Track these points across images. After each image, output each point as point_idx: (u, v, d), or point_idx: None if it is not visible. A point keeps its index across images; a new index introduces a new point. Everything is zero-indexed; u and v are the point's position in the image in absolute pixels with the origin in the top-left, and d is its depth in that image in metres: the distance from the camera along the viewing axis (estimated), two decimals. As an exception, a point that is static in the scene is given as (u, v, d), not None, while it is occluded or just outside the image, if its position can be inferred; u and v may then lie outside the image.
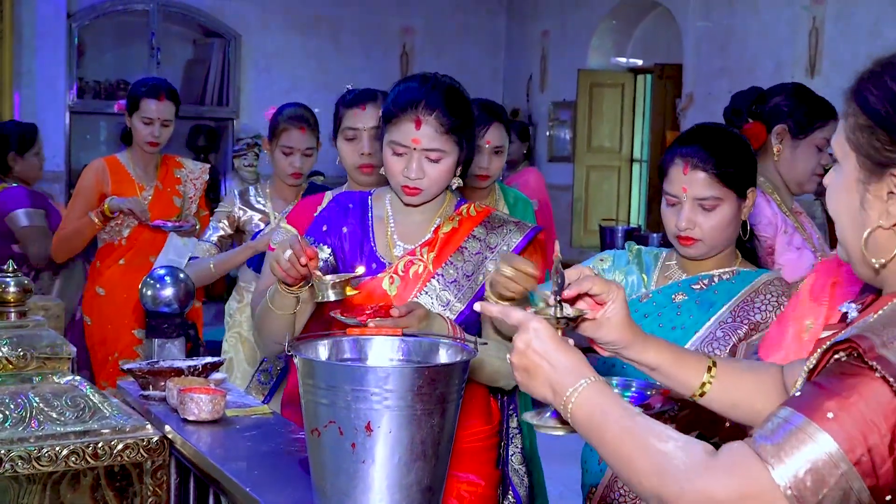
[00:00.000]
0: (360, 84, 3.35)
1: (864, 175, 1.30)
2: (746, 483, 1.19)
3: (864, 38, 6.36)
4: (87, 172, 4.48)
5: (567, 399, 1.42)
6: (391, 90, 2.46)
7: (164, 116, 4.33)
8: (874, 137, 1.28)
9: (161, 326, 2.99)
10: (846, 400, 1.17)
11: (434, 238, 2.48)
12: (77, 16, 8.25)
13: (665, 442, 1.29)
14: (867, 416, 1.15)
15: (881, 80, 1.30)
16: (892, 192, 1.28)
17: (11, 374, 2.23)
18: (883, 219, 1.29)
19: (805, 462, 1.16)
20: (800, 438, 1.17)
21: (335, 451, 1.86)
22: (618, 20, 8.92)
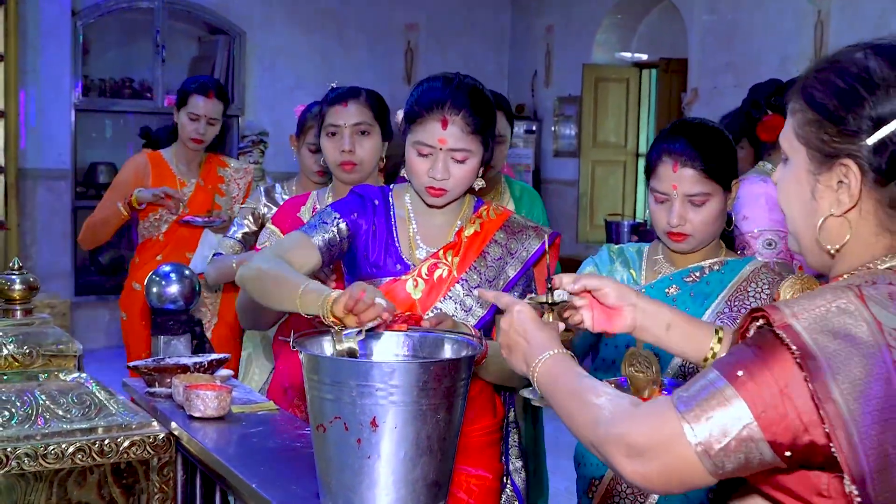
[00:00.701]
0: (365, 80, 3.35)
1: (815, 167, 1.38)
2: (660, 433, 1.30)
3: (870, 31, 6.34)
4: (127, 165, 4.51)
5: (534, 369, 1.59)
6: (413, 90, 2.43)
7: (211, 114, 4.32)
8: (822, 131, 1.37)
9: (167, 323, 2.99)
10: (758, 367, 1.26)
11: (457, 241, 2.46)
12: (82, 14, 8.26)
13: (599, 397, 1.43)
14: (775, 382, 1.25)
15: (826, 76, 1.38)
16: (841, 182, 1.36)
17: (17, 371, 2.24)
18: (834, 207, 1.37)
19: (717, 422, 1.26)
20: (718, 400, 1.27)
21: (341, 447, 1.86)
22: (623, 14, 8.91)
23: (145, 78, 8.78)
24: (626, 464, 1.34)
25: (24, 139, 7.75)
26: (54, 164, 8.01)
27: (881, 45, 1.38)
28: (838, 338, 1.25)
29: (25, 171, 7.63)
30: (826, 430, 1.22)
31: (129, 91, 8.81)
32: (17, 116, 7.53)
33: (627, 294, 1.77)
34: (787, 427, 1.25)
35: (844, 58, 1.39)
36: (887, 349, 1.25)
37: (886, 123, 1.32)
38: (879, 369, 1.24)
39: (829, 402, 1.22)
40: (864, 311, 1.27)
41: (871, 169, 1.34)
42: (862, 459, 1.22)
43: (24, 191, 7.79)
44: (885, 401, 1.23)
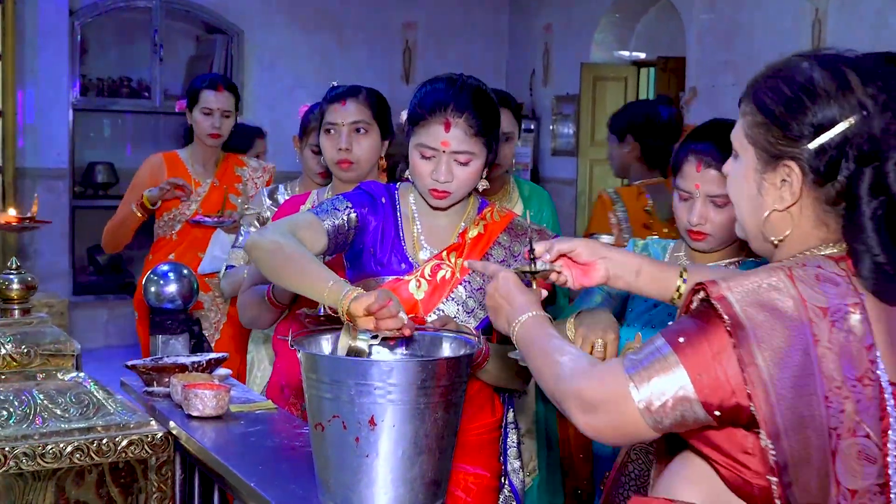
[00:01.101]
0: (364, 79, 3.34)
1: (761, 165, 1.53)
2: (609, 390, 1.46)
3: (868, 29, 6.34)
4: (143, 166, 4.48)
5: (514, 328, 1.73)
6: (416, 91, 2.42)
7: (224, 107, 4.32)
8: (769, 134, 1.51)
9: (165, 323, 3.00)
10: (696, 335, 1.42)
11: (461, 243, 2.46)
12: (80, 13, 8.25)
13: (563, 355, 1.58)
14: (709, 349, 1.40)
15: (775, 83, 1.53)
16: (784, 180, 1.51)
17: (15, 371, 2.24)
18: (777, 203, 1.52)
19: (658, 383, 1.42)
20: (661, 364, 1.43)
21: (339, 446, 1.86)
22: (621, 13, 8.90)
23: (143, 77, 8.78)
24: (581, 417, 1.50)
25: (22, 139, 7.75)
26: (52, 164, 7.99)
27: (824, 57, 1.52)
28: (766, 310, 1.40)
29: (23, 170, 7.62)
30: (748, 390, 1.38)
31: (127, 90, 8.80)
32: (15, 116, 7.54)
33: (598, 249, 1.91)
34: (717, 389, 1.40)
35: (791, 67, 1.53)
36: (809, 324, 1.40)
37: (826, 130, 1.47)
38: (800, 341, 1.39)
39: (752, 366, 1.38)
40: (791, 288, 1.42)
41: (810, 170, 1.48)
42: (777, 418, 1.38)
43: (22, 190, 7.78)
44: (802, 369, 1.38)
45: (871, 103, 1.47)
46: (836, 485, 1.40)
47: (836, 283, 1.45)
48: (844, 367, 1.40)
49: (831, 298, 1.43)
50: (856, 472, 1.40)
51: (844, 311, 1.43)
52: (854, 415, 1.39)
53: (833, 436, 1.39)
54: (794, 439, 1.38)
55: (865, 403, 1.40)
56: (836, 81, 1.48)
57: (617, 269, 1.89)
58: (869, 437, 1.40)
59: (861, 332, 1.42)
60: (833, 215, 1.51)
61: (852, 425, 1.39)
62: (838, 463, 1.39)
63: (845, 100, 1.47)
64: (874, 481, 1.41)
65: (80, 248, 8.53)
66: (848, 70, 1.50)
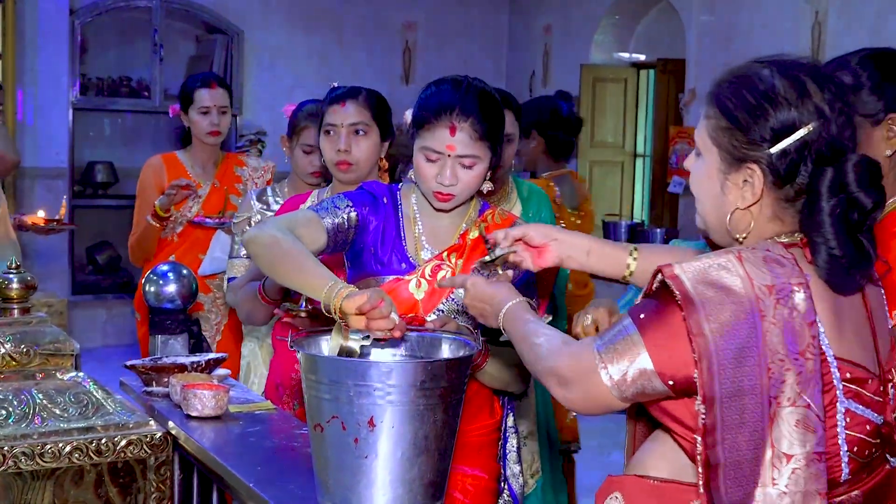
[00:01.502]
0: (363, 80, 3.33)
1: (725, 166, 1.63)
2: (580, 366, 1.60)
3: (868, 32, 6.35)
4: (144, 171, 4.42)
5: (500, 323, 1.87)
6: (421, 93, 2.42)
7: (220, 103, 4.29)
8: (733, 137, 1.61)
9: (164, 323, 3.00)
10: (655, 313, 1.56)
11: (462, 244, 2.46)
12: (80, 13, 8.24)
13: (539, 337, 1.73)
14: (665, 325, 1.54)
15: (738, 90, 1.63)
16: (746, 181, 1.61)
17: (15, 370, 2.24)
18: (739, 202, 1.62)
19: (624, 361, 1.56)
20: (626, 341, 1.56)
21: (338, 447, 1.86)
22: (620, 15, 8.90)
23: (143, 77, 8.77)
24: (558, 391, 1.65)
25: (22, 138, 7.75)
26: (52, 163, 7.99)
27: (784, 64, 1.63)
28: (715, 287, 1.52)
29: (23, 169, 7.61)
30: (694, 358, 1.49)
31: (126, 90, 8.79)
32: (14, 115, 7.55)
33: (549, 232, 2.03)
34: (672, 361, 1.53)
35: (753, 74, 1.64)
36: (756, 300, 1.51)
37: (787, 135, 1.57)
38: (746, 316, 1.50)
39: (700, 337, 1.49)
40: (739, 268, 1.53)
41: (771, 172, 1.59)
42: (716, 386, 1.49)
43: (21, 189, 7.78)
44: (746, 342, 1.49)
45: (828, 109, 1.58)
46: (772, 447, 1.50)
47: (783, 264, 1.56)
48: (788, 340, 1.50)
49: (777, 278, 1.53)
50: (794, 439, 1.50)
51: (789, 289, 1.53)
52: (795, 385, 1.50)
53: (773, 403, 1.50)
54: (729, 406, 1.50)
55: (807, 376, 1.50)
56: (795, 89, 1.59)
57: (568, 250, 2.03)
58: (810, 408, 1.50)
59: (804, 309, 1.52)
60: (790, 211, 1.62)
61: (793, 395, 1.50)
62: (775, 428, 1.50)
63: (804, 106, 1.58)
64: (813, 449, 1.50)
65: (80, 247, 8.52)
66: (806, 77, 1.60)
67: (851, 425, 1.57)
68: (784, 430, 1.49)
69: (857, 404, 1.58)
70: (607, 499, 1.72)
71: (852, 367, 1.58)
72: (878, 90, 2.12)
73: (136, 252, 4.42)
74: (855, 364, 1.59)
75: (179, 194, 4.21)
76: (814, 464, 1.50)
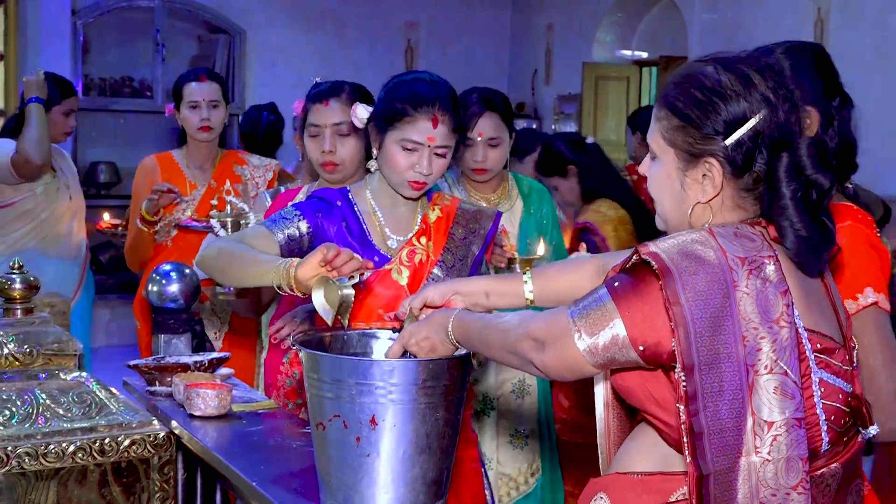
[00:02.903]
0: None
1: (683, 164, 1.68)
2: (555, 328, 1.63)
3: (870, 29, 6.34)
4: (137, 173, 4.23)
5: (450, 337, 1.87)
6: (392, 88, 2.51)
7: (210, 97, 4.07)
8: (687, 135, 1.66)
9: (167, 322, 3.00)
10: (630, 283, 1.59)
11: (426, 227, 2.59)
12: (82, 13, 8.25)
13: (503, 317, 1.77)
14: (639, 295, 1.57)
15: (686, 89, 1.67)
16: (705, 175, 1.66)
17: (18, 370, 2.24)
18: (700, 196, 1.67)
19: (597, 327, 1.59)
20: (600, 309, 1.60)
21: (340, 445, 1.87)
22: (623, 13, 8.90)
23: (145, 77, 8.78)
24: (535, 355, 1.66)
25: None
26: (54, 163, 7.99)
27: (726, 60, 1.68)
28: (689, 258, 1.56)
29: (26, 170, 7.60)
30: (672, 326, 1.53)
31: (129, 90, 8.80)
32: (17, 115, 7.53)
33: (446, 288, 2.05)
34: (643, 328, 1.56)
35: (698, 72, 1.68)
36: (729, 270, 1.55)
37: (739, 126, 1.63)
38: (720, 285, 1.54)
39: (677, 306, 1.53)
40: (713, 241, 1.58)
41: (728, 163, 1.64)
42: (694, 353, 1.53)
43: (24, 190, 7.78)
44: (721, 310, 1.53)
45: (773, 96, 1.64)
46: (752, 415, 1.53)
47: (753, 239, 1.61)
48: (761, 310, 1.55)
49: (749, 251, 1.58)
50: (773, 406, 1.53)
51: (761, 261, 1.58)
52: (771, 353, 1.53)
53: (750, 372, 1.53)
54: (707, 373, 1.53)
55: (782, 344, 1.54)
56: (741, 81, 1.65)
57: (470, 298, 2.05)
58: (787, 375, 1.54)
59: (776, 280, 1.57)
60: (749, 199, 1.67)
61: (769, 363, 1.53)
62: (755, 397, 1.53)
63: (752, 96, 1.64)
64: (792, 415, 1.54)
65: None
66: (748, 69, 1.66)
67: (826, 394, 1.61)
68: (763, 398, 1.53)
69: (828, 374, 1.62)
70: (592, 500, 1.74)
71: (822, 339, 1.63)
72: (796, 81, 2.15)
73: (130, 257, 4.25)
74: (823, 335, 1.63)
75: (164, 198, 4.00)
76: (794, 429, 1.54)
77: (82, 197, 4.53)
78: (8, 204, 4.19)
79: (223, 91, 4.17)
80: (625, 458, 1.75)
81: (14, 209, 4.22)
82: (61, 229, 4.34)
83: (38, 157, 4.05)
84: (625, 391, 1.70)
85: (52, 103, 4.28)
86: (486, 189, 3.56)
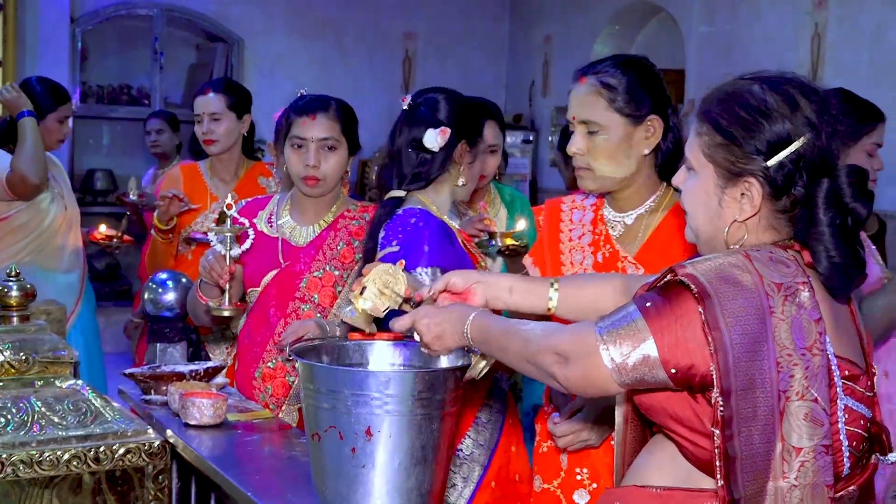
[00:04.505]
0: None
1: (722, 181, 1.68)
2: (582, 344, 1.61)
3: (867, 43, 6.36)
4: (164, 182, 4.25)
5: (466, 332, 1.83)
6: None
7: (210, 110, 4.04)
8: (729, 153, 1.67)
9: (163, 331, 3.00)
10: (663, 303, 1.57)
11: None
12: (81, 21, 8.26)
13: (527, 325, 1.74)
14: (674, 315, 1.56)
15: (730, 106, 1.68)
16: (744, 194, 1.66)
17: (13, 378, 2.24)
18: (737, 214, 1.67)
19: (626, 345, 1.57)
20: (630, 328, 1.58)
21: (335, 456, 1.86)
22: (620, 25, 8.92)
23: (143, 85, 8.78)
24: (557, 369, 1.64)
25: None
26: (52, 171, 7.99)
27: (772, 80, 1.69)
28: (728, 283, 1.56)
29: (23, 176, 7.60)
30: (711, 350, 1.52)
31: (126, 98, 8.80)
32: (15, 123, 7.52)
33: (471, 276, 2.02)
34: (676, 349, 1.55)
35: (744, 90, 1.69)
36: (766, 296, 1.56)
37: (782, 148, 1.63)
38: (757, 311, 1.55)
39: (716, 330, 1.53)
40: (749, 266, 1.58)
41: (768, 184, 1.64)
42: (732, 378, 1.53)
43: (21, 197, 7.77)
44: (758, 336, 1.54)
45: (818, 120, 1.64)
46: (782, 441, 1.54)
47: (787, 265, 1.61)
48: (795, 336, 1.56)
49: (784, 277, 1.59)
50: (802, 432, 1.54)
51: (795, 287, 1.59)
52: (803, 380, 1.55)
53: (782, 398, 1.54)
54: (742, 399, 1.53)
55: (814, 371, 1.56)
56: (787, 102, 1.65)
57: (492, 291, 2.01)
58: (817, 402, 1.55)
59: (810, 307, 1.58)
60: (784, 220, 1.68)
61: (801, 390, 1.55)
62: (785, 423, 1.54)
63: (796, 119, 1.64)
64: (820, 442, 1.55)
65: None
66: (794, 91, 1.67)
67: (849, 421, 1.63)
68: (793, 424, 1.54)
69: (853, 401, 1.63)
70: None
71: (849, 365, 1.64)
72: (640, 92, 2.31)
73: (149, 266, 4.20)
74: (851, 362, 1.64)
75: (173, 205, 4.00)
76: (821, 456, 1.55)
77: (77, 206, 4.48)
78: (2, 218, 4.15)
79: (231, 102, 4.11)
80: (642, 471, 1.75)
81: (8, 223, 4.17)
82: (58, 241, 4.29)
83: (35, 176, 3.99)
84: (647, 408, 1.69)
85: (46, 110, 4.22)
86: (475, 198, 3.58)
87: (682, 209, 2.32)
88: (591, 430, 2.30)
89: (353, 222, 2.95)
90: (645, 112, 2.32)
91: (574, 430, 2.30)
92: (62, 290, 4.25)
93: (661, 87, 2.37)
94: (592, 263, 2.39)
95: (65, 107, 4.35)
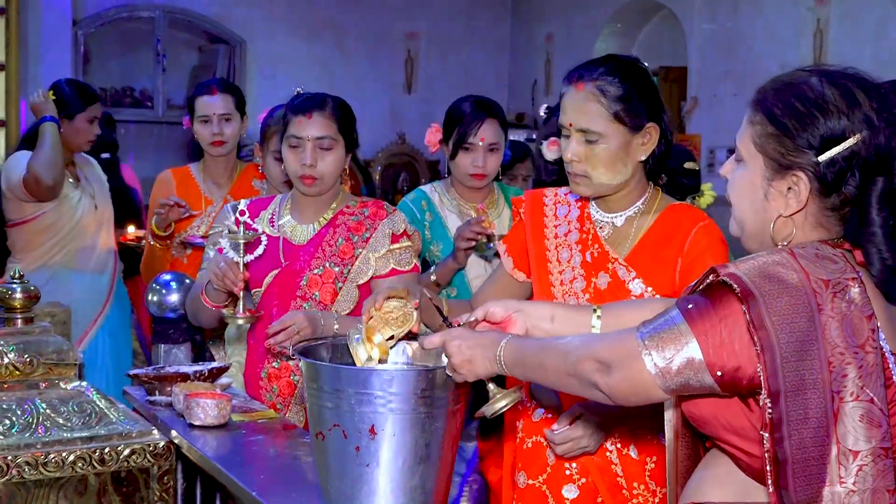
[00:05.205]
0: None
1: (770, 174, 1.63)
2: (624, 349, 1.57)
3: (869, 39, 6.35)
4: (154, 187, 4.18)
5: (499, 356, 1.77)
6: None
7: (221, 110, 4.02)
8: (780, 145, 1.61)
9: (167, 332, 3.00)
10: (706, 305, 1.53)
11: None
12: (83, 23, 8.26)
13: (564, 338, 1.71)
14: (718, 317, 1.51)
15: (786, 97, 1.62)
16: (791, 188, 1.60)
17: (18, 380, 2.24)
18: (783, 209, 1.62)
19: (670, 350, 1.53)
20: (673, 332, 1.53)
21: (339, 455, 1.87)
22: (622, 23, 8.91)
23: (146, 87, 8.79)
24: (599, 378, 1.59)
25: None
26: (55, 173, 7.99)
27: (831, 73, 1.63)
28: (772, 281, 1.51)
29: (26, 179, 7.61)
30: (757, 350, 1.48)
31: (129, 100, 8.80)
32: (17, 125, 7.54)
33: (511, 305, 1.98)
34: (721, 351, 1.50)
35: (802, 81, 1.63)
36: (813, 294, 1.51)
37: (835, 144, 1.57)
38: (805, 309, 1.49)
39: (762, 329, 1.48)
40: (794, 263, 1.53)
41: (817, 180, 1.59)
42: (780, 379, 1.48)
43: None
44: (806, 334, 1.48)
45: (876, 119, 1.57)
46: (837, 444, 1.48)
47: (835, 261, 1.56)
48: (846, 334, 1.49)
49: (832, 273, 1.53)
50: (858, 435, 1.48)
51: (845, 283, 1.53)
52: (857, 380, 1.48)
53: (836, 399, 1.48)
54: (792, 400, 1.48)
55: (868, 370, 1.49)
56: (845, 98, 1.59)
57: (532, 320, 1.96)
58: (873, 402, 1.48)
59: (861, 303, 1.52)
60: (833, 219, 1.62)
61: (855, 390, 1.48)
62: (840, 424, 1.48)
63: (854, 115, 1.58)
64: (879, 444, 1.48)
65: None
66: (854, 87, 1.60)
67: None
68: (849, 426, 1.48)
69: None
70: None
71: None
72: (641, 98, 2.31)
73: (145, 273, 4.12)
74: None
75: (173, 212, 3.91)
76: (880, 459, 1.49)
77: (111, 206, 4.45)
78: (30, 218, 4.15)
79: (238, 102, 4.10)
80: (700, 488, 1.69)
81: (37, 223, 4.17)
82: (87, 241, 4.28)
83: (50, 178, 4.02)
84: (698, 420, 1.64)
85: (75, 111, 4.25)
86: (477, 197, 3.57)
87: (678, 211, 2.34)
88: (590, 437, 2.28)
89: (351, 218, 2.94)
90: (643, 120, 2.31)
91: (574, 438, 2.29)
92: (89, 291, 4.26)
93: (656, 93, 2.36)
94: (580, 262, 2.37)
95: (94, 107, 4.37)
